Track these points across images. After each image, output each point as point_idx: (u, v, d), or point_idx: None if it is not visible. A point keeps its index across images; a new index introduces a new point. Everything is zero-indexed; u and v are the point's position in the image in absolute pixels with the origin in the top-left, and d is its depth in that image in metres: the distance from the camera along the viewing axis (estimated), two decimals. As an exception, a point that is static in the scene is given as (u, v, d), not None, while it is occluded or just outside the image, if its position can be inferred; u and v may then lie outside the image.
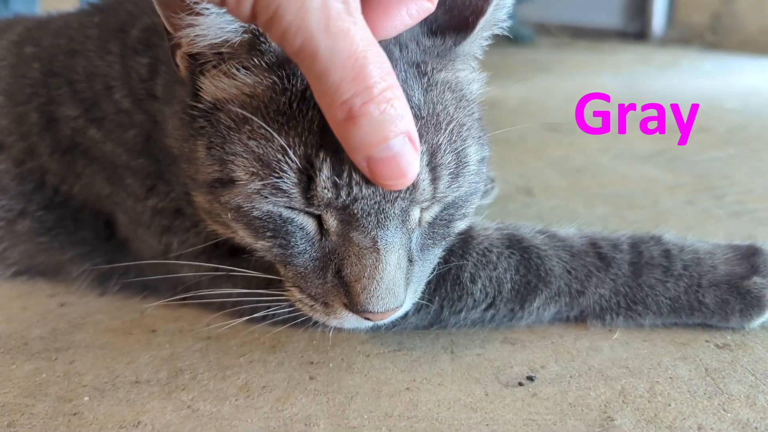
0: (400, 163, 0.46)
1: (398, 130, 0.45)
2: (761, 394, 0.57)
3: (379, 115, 0.44)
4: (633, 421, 0.54)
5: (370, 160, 0.46)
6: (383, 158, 0.46)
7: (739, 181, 1.18)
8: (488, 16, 0.57)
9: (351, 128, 0.44)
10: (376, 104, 0.44)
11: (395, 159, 0.46)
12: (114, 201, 0.74)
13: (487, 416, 0.56)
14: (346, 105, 0.43)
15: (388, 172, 0.46)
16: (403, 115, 0.45)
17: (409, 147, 0.46)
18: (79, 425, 0.55)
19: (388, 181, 0.47)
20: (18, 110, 0.76)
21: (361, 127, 0.44)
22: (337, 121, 0.45)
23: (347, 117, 0.44)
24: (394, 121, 0.45)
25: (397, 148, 0.45)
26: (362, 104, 0.43)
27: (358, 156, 0.46)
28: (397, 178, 0.47)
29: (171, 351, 0.66)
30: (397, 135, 0.45)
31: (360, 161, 0.46)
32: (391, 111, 0.44)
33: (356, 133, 0.44)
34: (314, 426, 0.55)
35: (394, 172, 0.46)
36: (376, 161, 0.46)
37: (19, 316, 0.74)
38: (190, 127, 0.58)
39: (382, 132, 0.44)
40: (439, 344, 0.66)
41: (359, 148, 0.45)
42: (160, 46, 0.68)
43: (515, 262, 0.67)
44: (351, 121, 0.44)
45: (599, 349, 0.65)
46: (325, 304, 0.57)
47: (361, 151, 0.45)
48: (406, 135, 0.46)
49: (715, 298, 0.66)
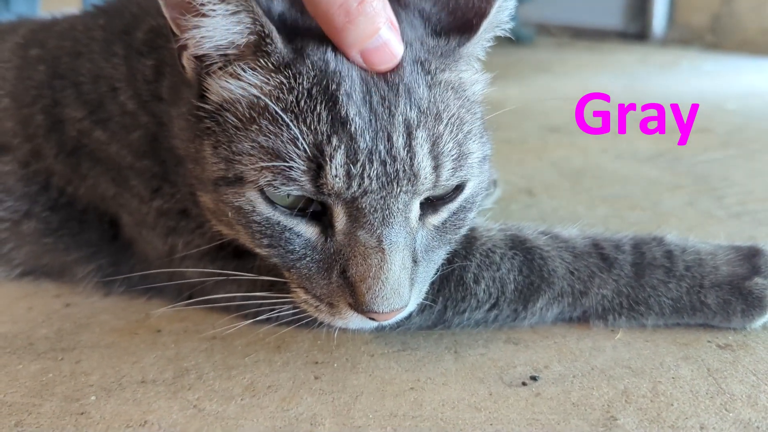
0: (391, 48, 0.53)
1: (384, 19, 0.53)
2: (763, 394, 0.58)
3: (372, 11, 0.52)
4: (636, 420, 0.55)
5: (365, 52, 0.53)
6: (376, 47, 0.53)
7: (740, 182, 1.19)
8: (491, 17, 0.58)
9: (350, 28, 0.51)
10: (368, 2, 0.51)
11: (386, 46, 0.53)
12: (119, 202, 0.74)
13: (491, 416, 0.56)
14: (343, 8, 0.51)
15: (381, 58, 0.53)
16: (385, 4, 0.53)
17: (393, 31, 0.54)
18: (86, 424, 0.56)
19: (381, 66, 0.54)
20: (23, 112, 0.77)
21: (358, 25, 0.51)
22: (336, 25, 0.52)
23: (347, 20, 0.51)
24: (380, 13, 0.52)
25: (386, 36, 0.53)
26: (358, 4, 0.51)
27: (353, 51, 0.53)
28: (388, 62, 0.54)
29: (176, 351, 0.66)
30: (384, 23, 0.53)
31: (354, 55, 0.53)
32: (377, 4, 0.52)
33: (353, 31, 0.52)
34: (319, 425, 0.55)
35: (387, 56, 0.53)
36: (370, 51, 0.53)
37: (24, 317, 0.74)
38: (196, 127, 0.58)
39: (373, 25, 0.52)
40: (443, 344, 0.67)
41: (355, 43, 0.52)
42: (164, 47, 0.68)
43: (518, 263, 0.67)
44: (350, 22, 0.51)
45: (602, 350, 0.65)
46: (330, 305, 0.58)
47: (357, 46, 0.52)
48: (389, 21, 0.53)
49: (717, 299, 0.66)
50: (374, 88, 0.53)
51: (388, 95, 0.53)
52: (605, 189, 1.16)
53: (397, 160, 0.53)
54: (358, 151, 0.52)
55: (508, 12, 0.60)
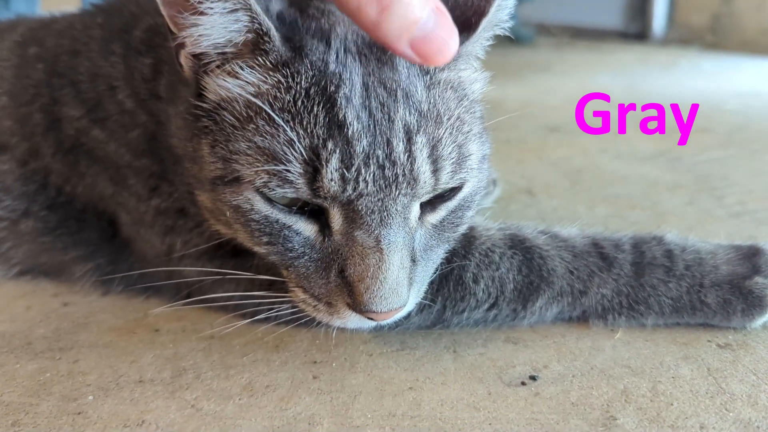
0: (441, 34, 0.48)
1: (429, 5, 0.48)
2: (763, 394, 0.58)
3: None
4: (635, 420, 0.55)
5: (414, 42, 0.48)
6: (425, 36, 0.48)
7: (739, 182, 1.18)
8: (490, 16, 0.58)
9: (386, 18, 0.47)
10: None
11: (435, 32, 0.48)
12: (117, 201, 0.74)
13: (490, 415, 0.56)
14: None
15: (433, 48, 0.48)
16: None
17: (442, 17, 0.49)
18: (83, 424, 0.55)
19: (435, 57, 0.49)
20: (21, 111, 0.77)
21: (395, 13, 0.46)
22: (371, 19, 0.47)
23: (380, 9, 0.46)
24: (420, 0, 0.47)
25: (432, 22, 0.48)
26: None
27: (402, 44, 0.48)
28: (442, 52, 0.49)
29: (174, 350, 0.66)
30: (429, 10, 0.48)
31: (404, 49, 0.48)
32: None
33: (392, 21, 0.47)
34: (318, 425, 0.55)
35: (439, 45, 0.48)
36: (420, 41, 0.48)
37: (22, 316, 0.74)
38: (193, 126, 0.58)
39: (414, 11, 0.47)
40: (442, 344, 0.67)
41: (400, 34, 0.47)
42: (162, 46, 0.68)
43: (518, 263, 0.67)
44: (384, 11, 0.46)
45: (601, 349, 0.65)
46: (328, 304, 0.57)
47: (403, 37, 0.48)
48: (434, 7, 0.48)
49: (717, 298, 0.66)
50: (373, 92, 0.53)
51: (387, 100, 0.53)
52: (605, 189, 1.16)
53: (397, 165, 0.52)
54: (354, 155, 0.51)
55: (507, 11, 0.59)
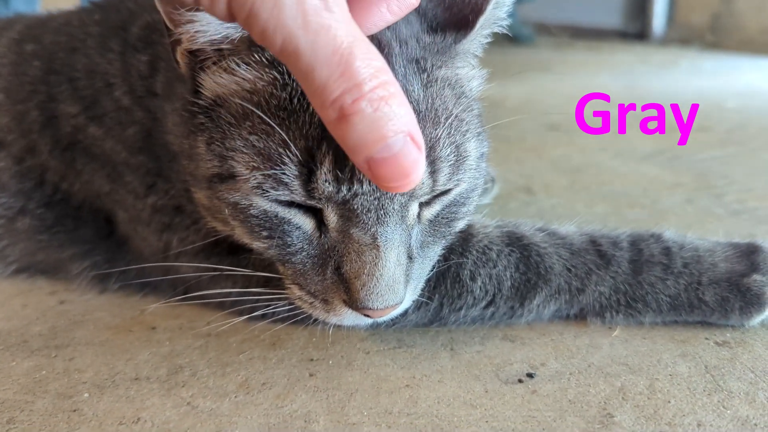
0: (402, 163, 0.42)
1: (396, 129, 0.42)
2: (761, 391, 0.57)
3: (373, 113, 0.41)
4: (632, 417, 0.54)
5: (371, 161, 0.43)
6: (384, 158, 0.42)
7: (739, 180, 1.18)
8: (487, 14, 0.57)
9: (346, 128, 0.42)
10: (368, 101, 0.41)
11: (396, 159, 0.42)
12: (114, 198, 0.74)
13: (487, 413, 0.56)
14: (336, 103, 0.41)
15: (390, 173, 0.43)
16: (401, 114, 0.42)
17: (411, 146, 0.43)
18: (78, 422, 0.55)
19: (391, 183, 0.44)
20: (18, 108, 0.76)
21: (355, 125, 0.41)
22: (330, 121, 0.42)
23: (339, 116, 0.41)
24: (391, 119, 0.42)
25: (397, 148, 0.42)
26: (353, 102, 0.41)
27: (359, 158, 0.43)
28: (400, 180, 0.43)
29: (171, 348, 0.66)
30: (396, 134, 0.42)
31: (361, 163, 0.43)
32: (386, 109, 0.41)
33: (351, 132, 0.42)
34: (314, 422, 0.55)
35: (397, 172, 0.43)
36: (377, 162, 0.42)
37: (19, 314, 0.74)
38: (190, 123, 0.58)
39: (378, 131, 0.41)
40: (439, 341, 0.66)
41: (357, 148, 0.42)
42: (160, 43, 0.68)
43: (515, 260, 0.67)
44: (344, 120, 0.41)
45: (599, 347, 0.65)
46: (324, 301, 0.57)
47: (361, 152, 0.42)
48: (407, 134, 0.42)
49: (715, 296, 0.66)
50: None
51: None
52: (604, 187, 1.16)
53: None
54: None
55: (505, 8, 0.59)
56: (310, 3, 0.40)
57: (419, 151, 0.43)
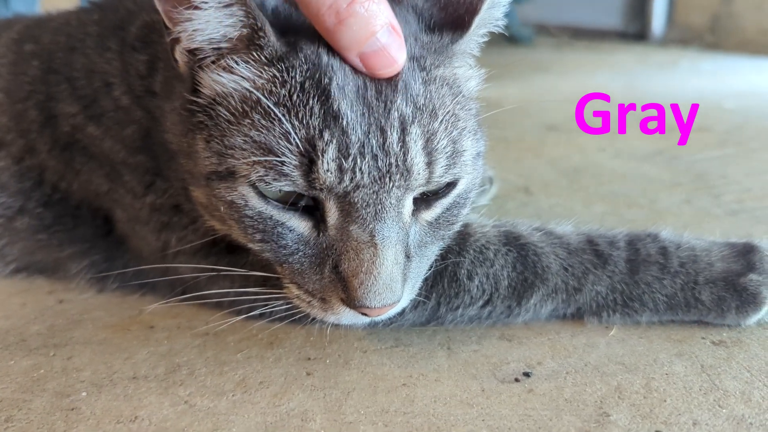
0: (390, 52, 0.51)
1: (382, 23, 0.50)
2: (756, 390, 0.58)
3: (365, 12, 0.49)
4: (628, 416, 0.55)
5: (363, 55, 0.51)
6: (374, 51, 0.51)
7: (737, 180, 1.18)
8: (482, 14, 0.58)
9: (342, 29, 0.49)
10: (360, 3, 0.49)
11: (385, 50, 0.51)
12: (112, 198, 0.74)
13: (483, 412, 0.56)
14: (332, 8, 0.48)
15: (380, 62, 0.51)
16: (382, 9, 0.50)
17: (394, 36, 0.51)
18: (76, 420, 0.55)
19: (381, 71, 0.52)
20: (17, 107, 0.77)
21: (351, 26, 0.49)
22: (327, 27, 0.50)
23: (337, 21, 0.49)
24: (377, 15, 0.50)
25: (384, 40, 0.51)
26: (348, 5, 0.48)
27: (351, 54, 0.51)
28: (388, 66, 0.52)
29: (169, 347, 0.66)
30: (382, 27, 0.50)
31: (353, 59, 0.51)
32: (374, 7, 0.49)
33: (346, 33, 0.49)
34: (311, 421, 0.55)
35: (386, 60, 0.51)
36: (368, 55, 0.51)
37: (17, 313, 0.74)
38: (189, 121, 0.58)
39: (369, 27, 0.50)
40: (436, 341, 0.67)
41: (351, 46, 0.50)
42: (158, 43, 0.68)
43: (512, 259, 0.67)
44: (341, 23, 0.49)
45: (596, 346, 0.65)
46: (322, 300, 0.57)
47: (353, 49, 0.50)
48: (389, 25, 0.51)
49: (711, 296, 0.66)
50: (370, 83, 0.53)
51: (385, 90, 0.53)
52: (603, 187, 1.16)
53: (390, 155, 0.52)
54: (350, 145, 0.51)
55: (501, 8, 0.59)
56: None
57: (399, 37, 0.52)
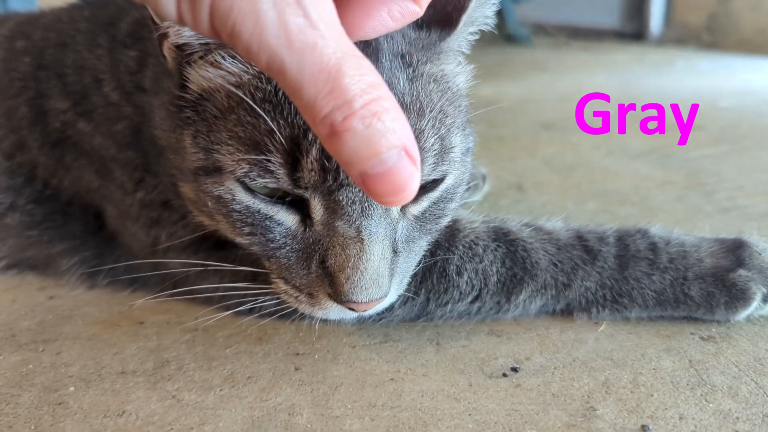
0: (396, 178, 0.42)
1: (390, 144, 0.41)
2: (744, 385, 0.58)
3: (365, 130, 0.40)
4: (615, 411, 0.55)
5: (365, 176, 0.42)
6: (378, 174, 0.41)
7: (730, 178, 1.19)
8: (470, 12, 0.58)
9: (338, 144, 0.41)
10: (360, 118, 0.40)
11: (390, 174, 0.41)
12: (103, 194, 0.74)
13: (470, 406, 0.56)
14: (326, 120, 0.40)
15: (384, 189, 0.42)
16: (395, 128, 0.41)
17: (406, 161, 0.42)
18: (63, 414, 0.55)
19: (385, 198, 0.43)
20: (8, 104, 0.77)
21: (347, 142, 0.40)
22: (322, 137, 0.42)
23: (330, 133, 0.41)
24: (384, 135, 0.41)
25: (391, 163, 0.41)
26: (343, 119, 0.40)
27: (353, 171, 0.42)
28: (394, 195, 0.42)
29: (158, 342, 0.66)
30: (389, 149, 0.41)
31: (355, 177, 0.42)
32: (379, 125, 0.40)
33: (344, 148, 0.41)
34: (298, 415, 0.55)
35: (392, 188, 0.42)
36: (371, 177, 0.42)
37: (7, 309, 0.74)
38: (176, 117, 0.58)
39: (371, 147, 0.41)
40: (425, 336, 0.67)
41: (351, 163, 0.42)
42: (148, 39, 0.68)
43: (501, 255, 0.67)
44: (335, 136, 0.40)
45: (584, 341, 0.65)
46: (309, 295, 0.57)
47: (354, 167, 0.42)
48: (401, 149, 0.41)
49: (700, 291, 0.66)
50: None
51: None
52: (595, 185, 1.16)
53: None
54: None
55: (490, 6, 0.59)
56: (293, 22, 0.38)
57: (414, 165, 0.42)
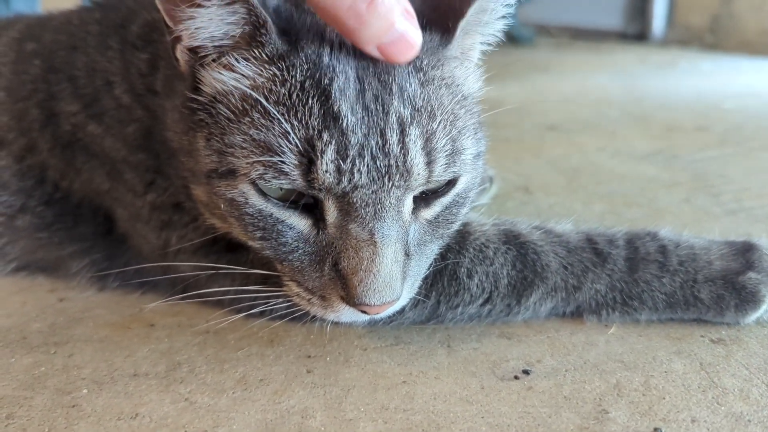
0: (408, 39, 0.51)
1: (398, 12, 0.50)
2: (755, 388, 0.58)
3: (384, 9, 0.49)
4: (627, 413, 0.55)
5: (382, 46, 0.51)
6: (393, 41, 0.51)
7: (736, 180, 1.19)
8: (468, 18, 0.57)
9: (364, 28, 0.49)
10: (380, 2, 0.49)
11: (403, 38, 0.51)
12: (113, 196, 0.74)
13: (483, 409, 0.56)
14: (352, 10, 0.49)
15: (398, 50, 0.52)
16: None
17: (410, 20, 0.52)
18: (77, 417, 0.55)
19: (400, 58, 0.52)
20: (18, 106, 0.77)
21: (372, 24, 0.49)
22: (349, 28, 0.50)
23: (357, 22, 0.49)
24: (393, 8, 0.50)
25: (402, 28, 0.51)
26: (368, 5, 0.49)
27: (369, 47, 0.51)
28: (406, 53, 0.52)
29: (169, 345, 0.66)
30: (398, 16, 0.50)
31: (371, 50, 0.52)
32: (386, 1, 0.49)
33: (367, 31, 0.50)
34: (311, 418, 0.55)
35: (404, 47, 0.52)
36: (387, 45, 0.51)
37: (18, 311, 0.74)
38: (189, 119, 0.58)
39: (388, 20, 0.50)
40: (436, 339, 0.67)
41: (370, 40, 0.51)
42: (159, 41, 0.68)
43: (512, 258, 0.67)
44: (363, 24, 0.49)
45: (595, 344, 0.65)
46: (322, 298, 0.58)
47: (372, 42, 0.51)
48: (404, 11, 0.51)
49: (710, 294, 0.66)
50: (368, 86, 0.53)
51: (381, 93, 0.53)
52: (602, 186, 1.16)
53: (390, 156, 0.53)
54: (349, 146, 0.52)
55: (494, 13, 0.59)
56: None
57: (414, 19, 0.52)
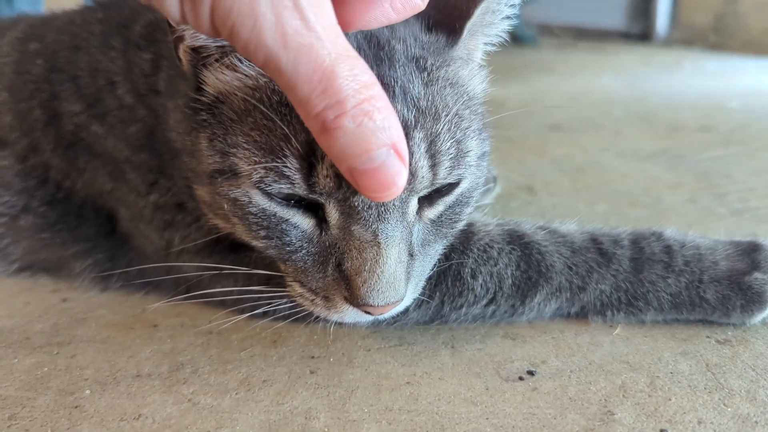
0: (384, 175, 0.44)
1: (380, 143, 0.43)
2: (761, 389, 0.57)
3: (355, 128, 0.42)
4: (633, 415, 0.54)
5: (354, 171, 0.44)
6: (366, 170, 0.44)
7: (741, 180, 1.18)
8: (475, 19, 0.57)
9: (329, 140, 0.43)
10: (351, 117, 0.42)
11: (379, 171, 0.44)
12: (116, 196, 0.74)
13: (487, 410, 0.56)
14: (318, 118, 0.42)
15: (372, 184, 0.45)
16: (386, 127, 0.43)
17: (394, 158, 0.44)
18: (80, 418, 0.55)
19: (373, 193, 0.45)
20: (21, 106, 0.77)
21: (338, 139, 0.42)
22: (314, 132, 0.44)
23: (322, 129, 0.43)
24: (375, 134, 0.43)
25: (380, 160, 0.43)
26: (335, 118, 0.42)
27: (342, 166, 0.45)
28: (382, 191, 0.45)
29: (172, 345, 0.66)
30: (379, 147, 0.43)
31: (344, 171, 0.45)
32: (370, 124, 0.42)
33: (334, 145, 0.43)
34: (314, 419, 0.55)
35: (379, 184, 0.44)
36: (359, 173, 0.44)
37: (21, 312, 0.74)
38: (192, 120, 0.58)
39: (361, 144, 0.43)
40: (440, 339, 0.66)
41: (340, 158, 0.44)
42: (162, 41, 0.68)
43: (516, 258, 0.67)
44: (326, 133, 0.43)
45: (600, 345, 0.65)
46: (325, 298, 0.57)
47: (343, 162, 0.44)
48: (390, 147, 0.44)
49: (716, 294, 0.66)
50: None
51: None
52: (606, 186, 1.16)
53: None
54: None
55: (499, 14, 0.59)
56: (290, 24, 0.40)
57: (402, 163, 0.45)
